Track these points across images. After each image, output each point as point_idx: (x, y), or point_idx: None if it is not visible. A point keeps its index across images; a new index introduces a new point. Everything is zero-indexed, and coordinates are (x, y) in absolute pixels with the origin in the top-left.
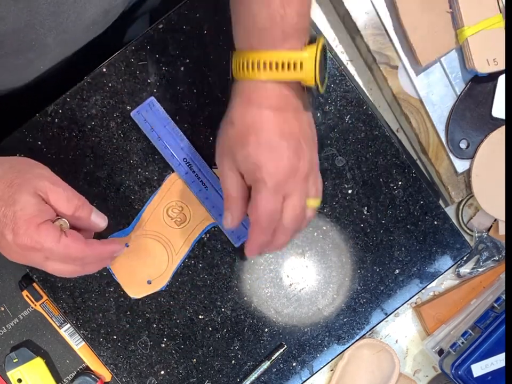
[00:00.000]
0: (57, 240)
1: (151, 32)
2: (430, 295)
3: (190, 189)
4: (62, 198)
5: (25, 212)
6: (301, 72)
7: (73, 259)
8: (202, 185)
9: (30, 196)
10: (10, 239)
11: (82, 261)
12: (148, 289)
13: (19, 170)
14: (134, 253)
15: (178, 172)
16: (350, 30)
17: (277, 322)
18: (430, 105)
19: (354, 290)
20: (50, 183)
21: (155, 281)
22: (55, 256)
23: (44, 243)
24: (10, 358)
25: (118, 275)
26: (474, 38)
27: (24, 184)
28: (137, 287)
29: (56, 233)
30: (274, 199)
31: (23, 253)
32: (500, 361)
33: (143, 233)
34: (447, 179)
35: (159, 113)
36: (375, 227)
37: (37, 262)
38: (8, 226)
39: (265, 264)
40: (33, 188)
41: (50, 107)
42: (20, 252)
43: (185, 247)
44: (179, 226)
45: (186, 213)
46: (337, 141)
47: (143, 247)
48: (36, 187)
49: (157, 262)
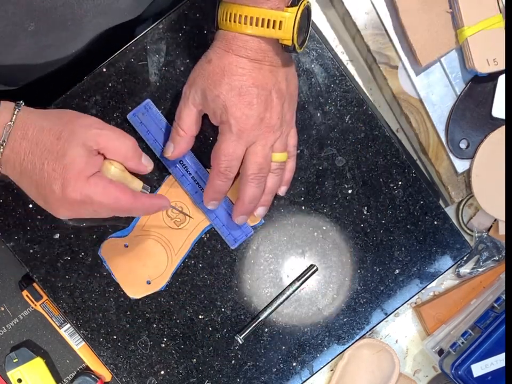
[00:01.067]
0: (106, 193)
1: (151, 32)
2: (430, 295)
3: (186, 191)
4: (112, 139)
5: (74, 165)
6: (279, 31)
7: (122, 211)
8: (198, 187)
9: (78, 147)
10: (59, 193)
11: (130, 212)
12: (147, 290)
13: (66, 122)
14: (134, 253)
15: (174, 174)
16: (350, 30)
17: (277, 322)
18: (430, 105)
19: (354, 290)
20: (98, 129)
21: (154, 281)
22: (104, 209)
23: (94, 196)
24: (10, 358)
25: (117, 275)
26: (474, 38)
27: (72, 136)
28: (137, 287)
29: (106, 186)
30: (235, 144)
31: (72, 208)
32: (499, 361)
33: (142, 234)
34: (447, 179)
35: (155, 115)
36: (375, 227)
37: (86, 214)
38: (57, 181)
39: (265, 264)
40: (81, 139)
41: (50, 107)
42: (69, 207)
43: (184, 247)
44: (179, 226)
45: (186, 213)
46: (337, 141)
47: (143, 247)
48: (85, 138)
49: (156, 262)
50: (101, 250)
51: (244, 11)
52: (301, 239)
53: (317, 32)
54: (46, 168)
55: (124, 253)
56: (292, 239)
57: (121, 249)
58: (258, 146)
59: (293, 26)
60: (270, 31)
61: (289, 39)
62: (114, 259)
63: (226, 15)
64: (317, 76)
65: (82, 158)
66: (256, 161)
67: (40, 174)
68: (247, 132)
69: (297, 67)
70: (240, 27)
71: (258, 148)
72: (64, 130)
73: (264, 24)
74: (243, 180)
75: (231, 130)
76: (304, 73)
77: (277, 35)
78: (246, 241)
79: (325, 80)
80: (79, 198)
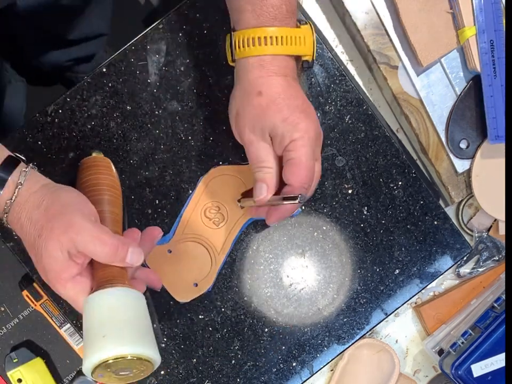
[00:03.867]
0: (81, 296)
1: (151, 32)
2: (430, 295)
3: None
4: (91, 248)
5: (52, 267)
6: (304, 47)
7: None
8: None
9: (56, 252)
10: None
11: None
12: (195, 292)
13: (50, 218)
14: (177, 258)
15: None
16: (350, 30)
17: (277, 322)
18: (430, 105)
19: (354, 290)
20: (76, 235)
21: (201, 283)
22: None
23: (70, 299)
24: (10, 358)
25: (164, 281)
26: (475, 38)
27: (50, 239)
28: (184, 291)
29: (82, 290)
30: (312, 157)
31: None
32: (500, 361)
33: (183, 238)
34: (447, 179)
35: None
36: (375, 227)
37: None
38: (43, 273)
39: (265, 264)
40: (58, 244)
41: (50, 107)
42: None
43: (226, 245)
44: (218, 226)
45: (224, 212)
46: (337, 141)
47: (186, 251)
48: (62, 242)
49: (200, 265)
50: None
51: (275, 32)
52: (301, 239)
53: (317, 32)
54: (34, 257)
55: (168, 259)
56: (292, 239)
57: (165, 255)
58: (319, 164)
59: (312, 41)
60: (298, 47)
61: (310, 54)
62: (159, 266)
63: (253, 40)
64: (317, 76)
65: (60, 263)
66: (318, 179)
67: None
68: (316, 145)
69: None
70: (274, 49)
71: (319, 167)
72: (44, 228)
73: (292, 42)
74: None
75: (306, 144)
76: (304, 73)
77: (303, 51)
78: (246, 241)
79: (325, 80)
80: (58, 293)
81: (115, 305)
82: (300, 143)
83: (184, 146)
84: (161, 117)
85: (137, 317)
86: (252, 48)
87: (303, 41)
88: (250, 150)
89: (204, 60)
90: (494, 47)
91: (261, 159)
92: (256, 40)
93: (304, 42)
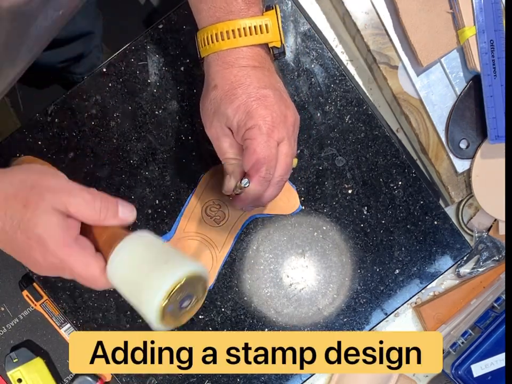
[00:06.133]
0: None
1: (151, 32)
2: (430, 295)
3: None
4: (82, 207)
5: (49, 233)
6: (268, 34)
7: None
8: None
9: (49, 215)
10: (41, 260)
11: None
12: None
13: (32, 185)
14: None
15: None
16: (350, 30)
17: (277, 322)
18: (430, 105)
19: (354, 290)
20: (66, 195)
21: None
22: (80, 279)
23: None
24: (10, 358)
25: None
26: (475, 38)
27: (40, 202)
28: None
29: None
30: (270, 144)
31: (53, 271)
32: (500, 361)
33: (185, 236)
34: (447, 179)
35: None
36: (375, 227)
37: (66, 276)
38: (36, 250)
39: (265, 264)
40: (50, 205)
41: (50, 107)
42: (51, 270)
43: (227, 244)
44: (219, 224)
45: (225, 210)
46: (337, 141)
47: (187, 249)
48: (53, 204)
49: (201, 263)
50: None
51: (230, 25)
52: (301, 239)
53: (317, 32)
54: (20, 237)
55: None
56: (292, 239)
57: None
58: (287, 146)
59: (278, 27)
60: (260, 36)
61: (278, 40)
62: None
63: (211, 37)
64: (317, 76)
65: (55, 225)
66: (287, 162)
67: (15, 243)
68: (277, 128)
69: (297, 67)
70: (231, 42)
71: (287, 148)
72: (30, 196)
73: (252, 32)
74: (272, 179)
75: (261, 132)
76: (304, 73)
77: (267, 39)
78: (246, 241)
79: (325, 80)
80: (59, 265)
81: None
82: (254, 131)
83: (184, 146)
84: (161, 117)
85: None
86: (211, 45)
87: (264, 29)
88: (214, 144)
89: None
90: (494, 47)
91: (223, 151)
92: (214, 36)
93: (266, 30)
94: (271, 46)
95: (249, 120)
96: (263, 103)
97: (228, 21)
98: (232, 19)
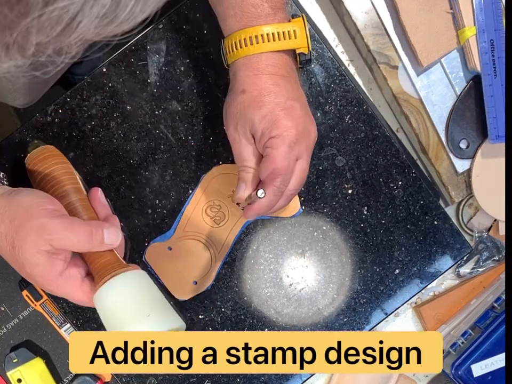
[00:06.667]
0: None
1: (151, 32)
2: (430, 295)
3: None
4: (66, 242)
5: (35, 272)
6: (296, 40)
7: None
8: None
9: (33, 257)
10: (40, 286)
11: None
12: (194, 290)
13: (18, 227)
14: (178, 256)
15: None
16: (350, 30)
17: (277, 322)
18: (430, 105)
19: (354, 290)
20: (48, 234)
21: (200, 281)
22: (73, 301)
23: (66, 295)
24: (10, 358)
25: (163, 278)
26: (475, 38)
27: (24, 246)
28: (183, 289)
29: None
30: (290, 156)
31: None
32: (500, 361)
33: (184, 235)
34: (447, 179)
35: None
36: (375, 227)
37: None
38: (32, 280)
39: (265, 264)
40: (34, 248)
41: (50, 107)
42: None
43: (227, 244)
44: (219, 224)
45: (225, 210)
46: (337, 141)
47: (186, 249)
48: (37, 245)
49: (200, 263)
50: (145, 255)
51: (259, 30)
52: (301, 239)
53: (317, 32)
54: (17, 268)
55: (168, 256)
56: (292, 239)
57: (165, 252)
58: (304, 163)
59: (305, 33)
60: (288, 42)
61: (305, 46)
62: (159, 263)
63: (240, 42)
64: (317, 75)
65: (42, 264)
66: (301, 178)
67: (16, 268)
68: (299, 142)
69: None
70: (260, 47)
71: (304, 165)
72: (17, 239)
73: (281, 37)
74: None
75: (284, 142)
76: (304, 73)
77: (295, 44)
78: (246, 241)
79: (325, 80)
80: (53, 293)
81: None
82: (277, 140)
83: (184, 146)
84: (161, 117)
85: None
86: (239, 50)
87: (292, 34)
88: (234, 148)
89: (203, 60)
90: (494, 46)
91: (242, 157)
92: (242, 42)
93: (294, 36)
94: (299, 52)
95: (274, 129)
96: (289, 114)
97: (257, 25)
98: (260, 24)
